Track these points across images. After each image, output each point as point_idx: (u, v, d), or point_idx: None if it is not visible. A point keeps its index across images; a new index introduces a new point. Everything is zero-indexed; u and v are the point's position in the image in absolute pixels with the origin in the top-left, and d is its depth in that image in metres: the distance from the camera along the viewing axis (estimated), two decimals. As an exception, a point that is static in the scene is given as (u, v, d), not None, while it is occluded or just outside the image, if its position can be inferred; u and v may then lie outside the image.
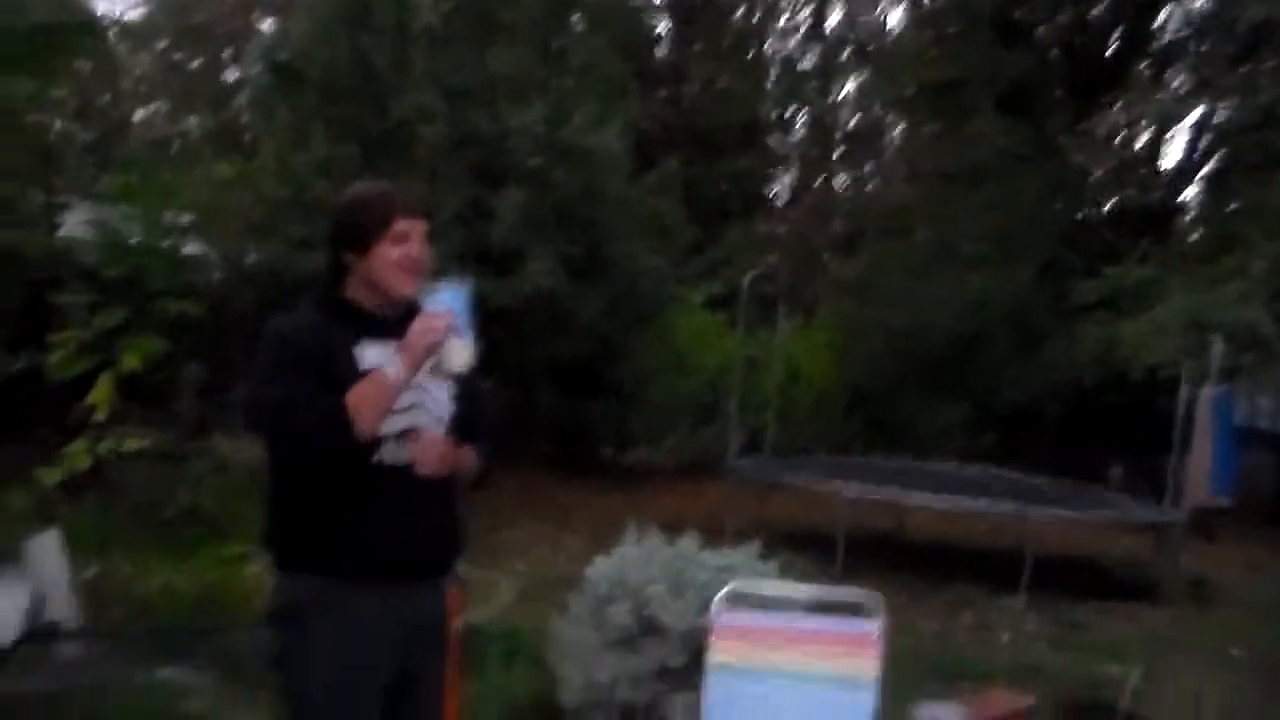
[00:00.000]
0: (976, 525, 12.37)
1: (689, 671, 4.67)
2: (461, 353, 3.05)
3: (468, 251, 11.68)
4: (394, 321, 3.06)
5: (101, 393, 6.30)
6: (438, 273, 3.18)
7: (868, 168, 27.17)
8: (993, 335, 15.81)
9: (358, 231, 3.14)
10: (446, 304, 3.05)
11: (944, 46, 18.86)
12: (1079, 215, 17.70)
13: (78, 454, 6.07)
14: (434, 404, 3.14)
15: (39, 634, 4.15)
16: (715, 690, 4.28)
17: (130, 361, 6.25)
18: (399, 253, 3.10)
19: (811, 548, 9.74)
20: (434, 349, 3.00)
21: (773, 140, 26.85)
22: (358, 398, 2.94)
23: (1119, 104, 15.39)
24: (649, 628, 4.91)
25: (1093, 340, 13.85)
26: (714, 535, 6.05)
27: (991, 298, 15.59)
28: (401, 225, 3.11)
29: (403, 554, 3.11)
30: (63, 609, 4.33)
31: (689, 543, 5.25)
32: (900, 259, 17.62)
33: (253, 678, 5.44)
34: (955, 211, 16.96)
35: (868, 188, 26.64)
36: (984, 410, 16.45)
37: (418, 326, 3.00)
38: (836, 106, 27.36)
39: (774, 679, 4.28)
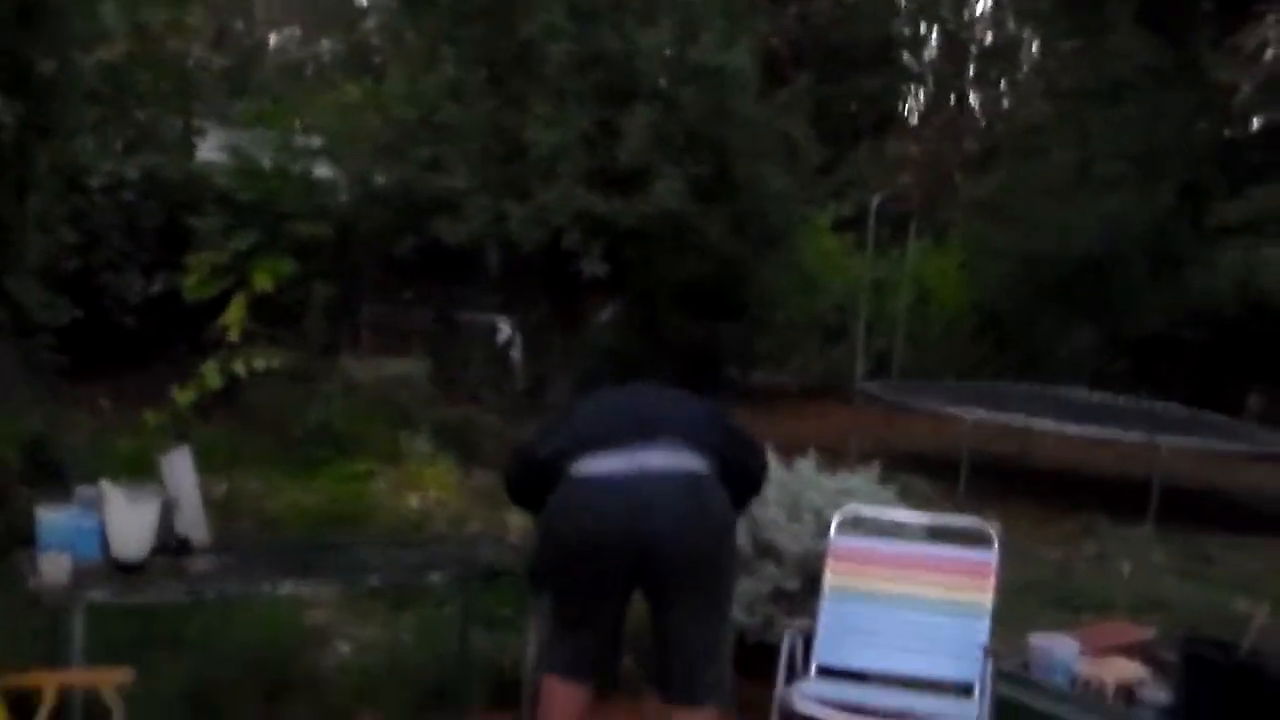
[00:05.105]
0: (1104, 453, 12.10)
1: (803, 595, 4.67)
2: None
3: (594, 172, 11.68)
4: None
5: (234, 313, 6.46)
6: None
7: (1002, 85, 26.70)
8: (1129, 259, 15.42)
9: None
10: None
11: (1080, -44, 18.27)
12: (1223, 134, 17.10)
13: (210, 373, 6.23)
14: None
15: (170, 548, 4.29)
16: (829, 614, 4.30)
17: (262, 282, 6.40)
18: None
19: (936, 472, 9.69)
20: None
21: (905, 58, 26.32)
22: None
23: (1269, 17, 14.78)
24: (764, 551, 4.88)
25: (1233, 265, 13.44)
26: (838, 458, 6.01)
27: (1129, 220, 15.19)
28: None
29: None
30: (193, 524, 4.47)
31: (806, 465, 5.20)
32: (1035, 179, 17.27)
33: (373, 592, 5.60)
34: (1093, 130, 16.53)
35: (1002, 106, 26.18)
36: (1117, 336, 16.08)
37: None
38: (971, 22, 26.83)
39: (889, 605, 4.32)
